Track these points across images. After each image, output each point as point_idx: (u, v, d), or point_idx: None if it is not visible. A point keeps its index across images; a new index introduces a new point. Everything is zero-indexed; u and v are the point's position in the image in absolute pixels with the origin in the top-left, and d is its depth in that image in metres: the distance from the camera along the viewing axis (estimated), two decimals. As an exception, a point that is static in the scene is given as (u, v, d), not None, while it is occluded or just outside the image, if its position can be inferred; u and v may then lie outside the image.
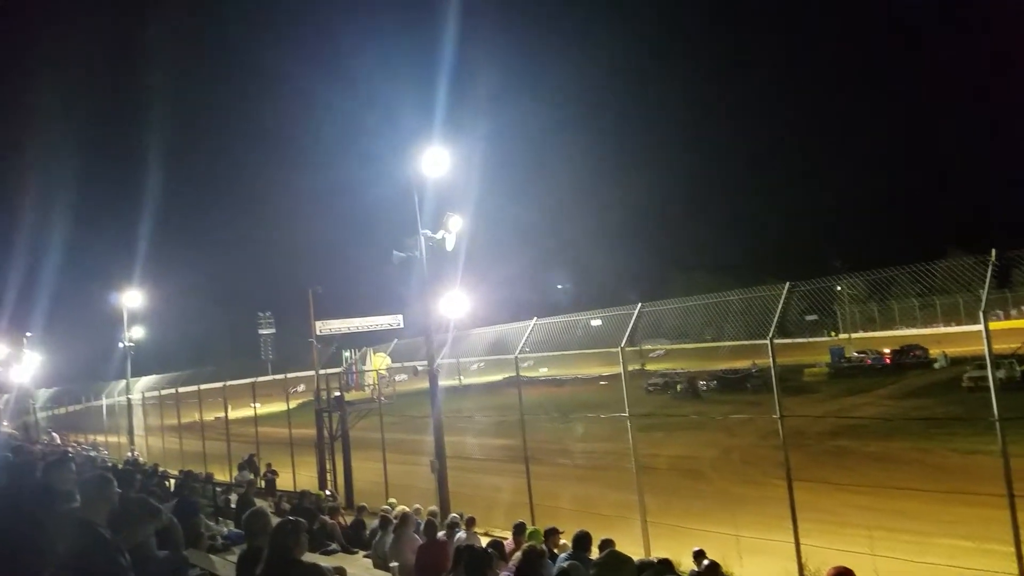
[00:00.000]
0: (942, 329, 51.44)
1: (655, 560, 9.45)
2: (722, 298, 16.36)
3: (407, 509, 12.79)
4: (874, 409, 32.31)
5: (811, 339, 49.74)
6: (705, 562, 9.40)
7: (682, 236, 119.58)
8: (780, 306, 13.30)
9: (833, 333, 55.15)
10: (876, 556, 11.43)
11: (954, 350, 42.74)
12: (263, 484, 24.37)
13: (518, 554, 8.29)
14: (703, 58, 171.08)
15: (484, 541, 10.95)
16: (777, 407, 12.90)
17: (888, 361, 46.36)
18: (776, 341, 13.18)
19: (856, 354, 49.33)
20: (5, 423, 47.44)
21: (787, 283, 13.61)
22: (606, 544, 9.17)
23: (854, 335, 55.78)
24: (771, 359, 13.29)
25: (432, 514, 12.34)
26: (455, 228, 17.79)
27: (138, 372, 43.01)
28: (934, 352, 45.27)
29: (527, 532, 11.11)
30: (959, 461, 21.49)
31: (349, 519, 15.82)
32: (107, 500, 5.90)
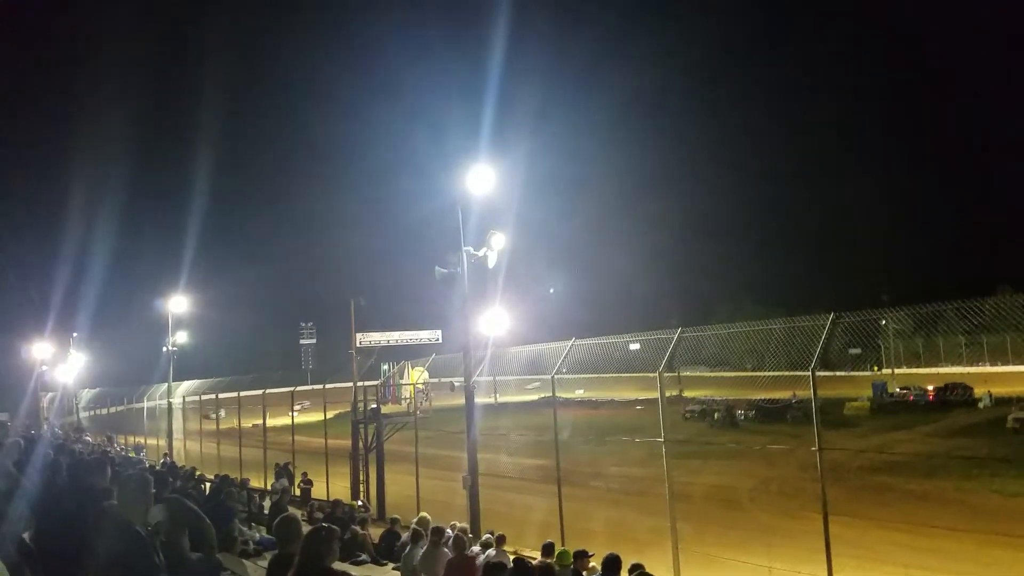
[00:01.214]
0: (988, 368, 50.41)
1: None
2: (765, 326, 16.22)
3: (441, 525, 12.80)
4: (916, 446, 31.71)
5: (853, 373, 48.93)
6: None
7: (729, 268, 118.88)
8: (824, 337, 13.10)
9: (876, 368, 54.21)
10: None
11: (1000, 390, 41.84)
12: (299, 492, 24.58)
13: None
14: (754, 82, 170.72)
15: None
16: (816, 439, 12.71)
17: (932, 398, 45.41)
18: (818, 373, 12.99)
19: (899, 390, 48.45)
20: (50, 421, 48.44)
21: (831, 314, 13.44)
22: (635, 568, 9.10)
23: (898, 370, 54.79)
24: (812, 391, 13.09)
25: (462, 530, 12.33)
26: (498, 246, 17.86)
27: (180, 377, 43.67)
28: (979, 391, 44.30)
29: (556, 553, 11.06)
30: (1000, 503, 21.07)
31: (377, 532, 15.87)
32: (144, 500, 6.01)
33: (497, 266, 18.17)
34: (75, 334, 57.32)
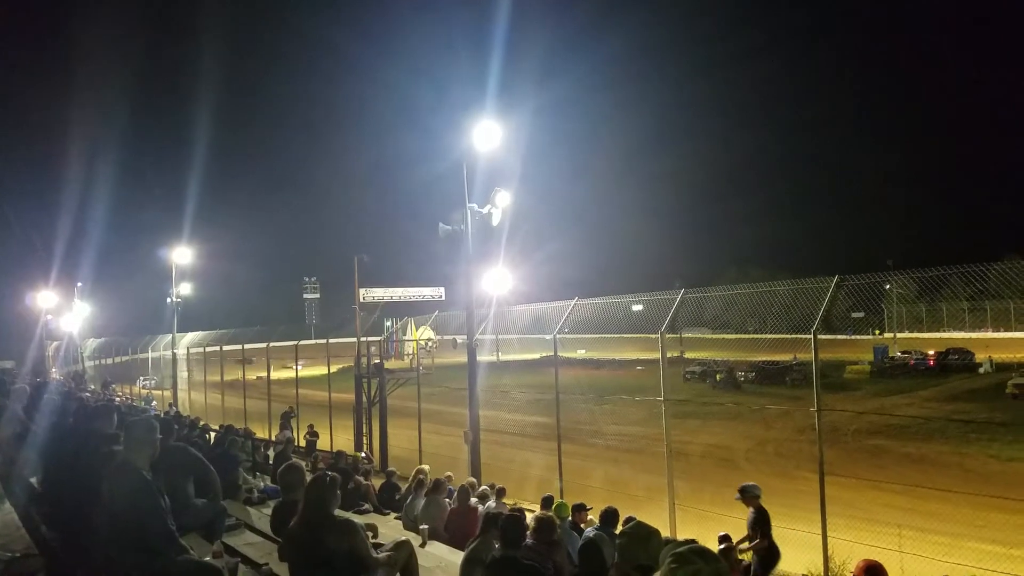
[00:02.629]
0: (990, 334, 50.45)
1: (681, 541, 9.51)
2: (768, 288, 16.20)
3: (440, 477, 12.98)
4: (915, 410, 31.90)
5: (855, 336, 49.02)
6: (721, 545, 9.48)
7: (735, 230, 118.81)
8: (827, 300, 13.13)
9: (878, 332, 54.32)
10: (903, 554, 11.40)
11: (1001, 356, 41.95)
12: (303, 443, 24.86)
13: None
14: (762, 43, 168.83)
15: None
16: (815, 400, 12.82)
17: (932, 363, 45.59)
18: (820, 336, 13.04)
19: (900, 354, 48.61)
20: (54, 370, 48.79)
21: (835, 277, 13.46)
22: (630, 520, 9.24)
23: (900, 335, 54.90)
24: (814, 353, 13.15)
25: (471, 484, 12.53)
26: (502, 204, 17.82)
27: (184, 328, 43.86)
28: (981, 357, 44.45)
29: (555, 505, 11.26)
30: (997, 467, 21.28)
31: (378, 483, 16.08)
32: (151, 444, 6.13)
33: (501, 225, 18.15)
34: (79, 284, 57.56)
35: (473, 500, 11.48)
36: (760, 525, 10.53)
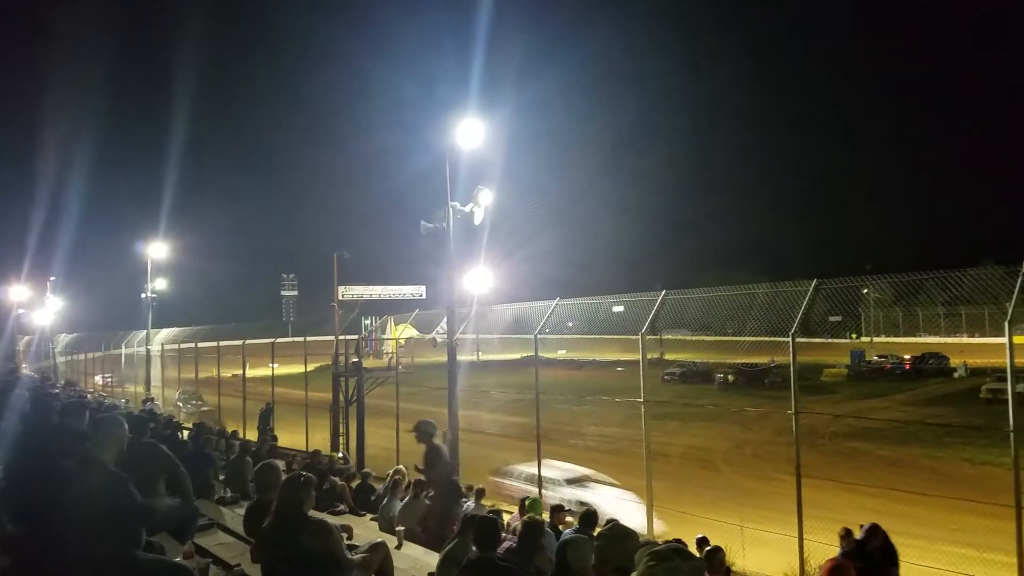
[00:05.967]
0: (965, 339, 50.98)
1: (660, 543, 9.47)
2: (748, 291, 16.24)
3: (420, 478, 12.86)
4: (890, 413, 32.15)
5: (833, 340, 49.41)
6: (707, 548, 9.43)
7: (716, 232, 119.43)
8: (805, 303, 13.19)
9: (855, 335, 54.75)
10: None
11: (976, 361, 42.37)
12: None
13: (518, 523, 8.36)
14: (752, 47, 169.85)
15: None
16: (793, 402, 12.83)
17: (908, 367, 46.03)
18: (798, 339, 13.08)
19: (877, 358, 49.01)
20: (25, 365, 48.15)
21: (814, 280, 13.49)
22: (610, 522, 9.19)
23: (876, 339, 55.34)
24: (792, 356, 13.19)
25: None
26: (485, 202, 17.72)
27: (159, 324, 43.36)
28: (955, 362, 44.90)
29: (529, 501, 11.20)
30: (970, 471, 21.46)
31: (356, 484, 15.94)
32: (118, 441, 6.01)
33: (483, 224, 18.06)
34: (52, 278, 56.87)
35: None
36: (433, 458, 11.01)
